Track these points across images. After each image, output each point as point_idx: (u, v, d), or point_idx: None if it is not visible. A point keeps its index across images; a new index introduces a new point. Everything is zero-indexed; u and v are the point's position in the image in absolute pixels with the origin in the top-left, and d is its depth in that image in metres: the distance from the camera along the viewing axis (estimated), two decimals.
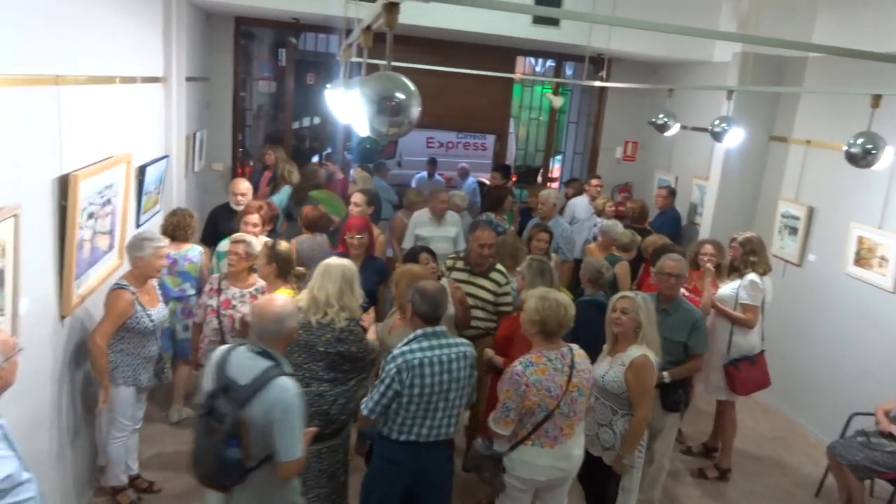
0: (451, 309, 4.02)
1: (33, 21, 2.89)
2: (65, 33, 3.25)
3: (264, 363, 2.72)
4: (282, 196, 6.92)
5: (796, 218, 6.02)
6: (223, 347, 2.89)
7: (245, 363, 2.73)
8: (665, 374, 4.05)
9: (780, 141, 6.34)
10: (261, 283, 4.34)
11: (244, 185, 5.76)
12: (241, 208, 5.38)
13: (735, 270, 4.92)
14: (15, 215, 2.69)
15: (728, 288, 4.85)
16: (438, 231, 5.99)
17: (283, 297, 3.01)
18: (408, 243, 5.96)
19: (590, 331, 3.82)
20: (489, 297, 4.55)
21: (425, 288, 3.23)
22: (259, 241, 4.41)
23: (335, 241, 5.21)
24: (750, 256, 4.81)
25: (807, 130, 6.03)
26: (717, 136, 5.37)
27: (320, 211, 5.51)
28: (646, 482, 4.17)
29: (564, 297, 3.35)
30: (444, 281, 4.37)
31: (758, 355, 4.83)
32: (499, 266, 4.65)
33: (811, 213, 5.88)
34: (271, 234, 5.19)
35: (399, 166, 12.57)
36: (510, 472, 3.32)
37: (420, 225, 6.02)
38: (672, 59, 7.45)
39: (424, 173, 10.13)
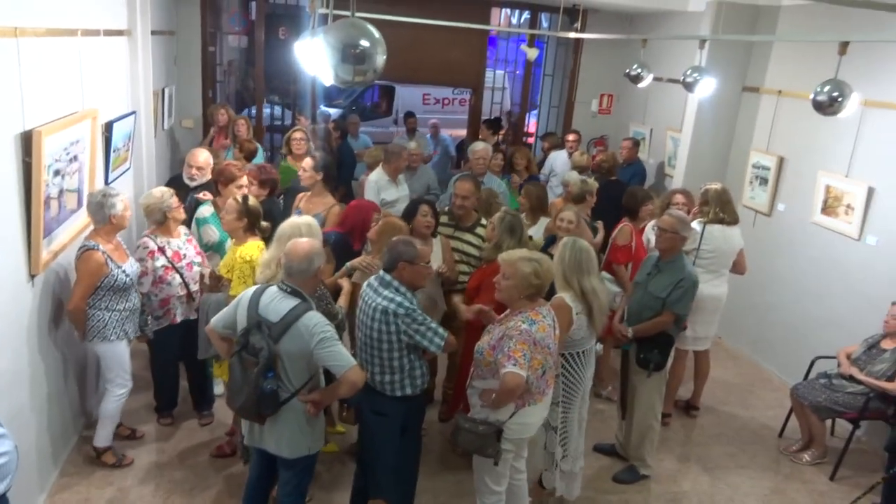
0: (435, 264, 4.03)
1: None
2: None
3: (293, 301, 2.91)
4: (257, 157, 6.40)
5: (767, 168, 6.09)
6: (252, 289, 3.04)
7: (275, 303, 2.92)
8: (627, 327, 4.08)
9: (752, 91, 6.37)
10: (182, 227, 4.29)
11: (202, 158, 4.98)
12: (195, 183, 4.90)
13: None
14: None
15: None
16: (401, 191, 5.63)
17: (311, 239, 3.14)
18: None
19: None
20: (474, 251, 4.52)
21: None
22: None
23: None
24: (703, 207, 4.95)
25: (778, 80, 6.06)
26: (689, 87, 5.38)
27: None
28: (633, 440, 4.28)
29: (547, 258, 3.33)
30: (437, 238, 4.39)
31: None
32: (484, 221, 4.59)
33: (781, 162, 5.95)
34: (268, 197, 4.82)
35: (396, 124, 12.31)
36: (506, 438, 3.15)
37: (384, 188, 5.56)
38: (647, 9, 7.39)
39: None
